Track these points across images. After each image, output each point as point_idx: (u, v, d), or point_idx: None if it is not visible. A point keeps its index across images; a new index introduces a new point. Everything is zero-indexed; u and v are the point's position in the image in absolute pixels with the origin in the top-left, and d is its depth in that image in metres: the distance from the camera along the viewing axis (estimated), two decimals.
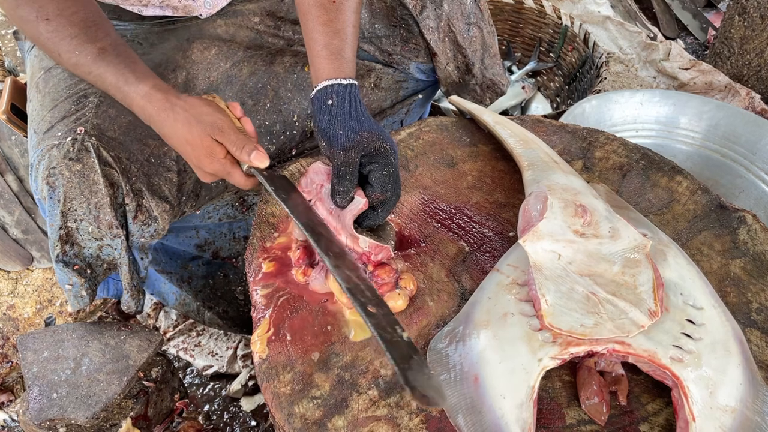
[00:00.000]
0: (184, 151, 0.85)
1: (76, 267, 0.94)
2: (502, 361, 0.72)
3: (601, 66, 1.62)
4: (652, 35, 2.11)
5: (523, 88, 1.87)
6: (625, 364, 0.75)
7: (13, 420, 1.29)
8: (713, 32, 2.27)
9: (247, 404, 1.37)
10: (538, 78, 1.97)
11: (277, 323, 0.81)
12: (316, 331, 0.80)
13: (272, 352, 0.79)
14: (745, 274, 0.84)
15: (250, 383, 1.38)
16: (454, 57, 1.20)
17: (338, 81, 0.81)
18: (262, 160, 0.83)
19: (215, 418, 1.34)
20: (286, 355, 0.78)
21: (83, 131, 0.91)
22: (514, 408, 0.70)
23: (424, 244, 0.88)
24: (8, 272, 1.52)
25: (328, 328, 0.80)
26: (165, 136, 0.86)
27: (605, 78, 1.55)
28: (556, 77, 1.92)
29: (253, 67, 1.09)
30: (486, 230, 0.90)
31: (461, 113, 1.12)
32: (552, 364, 0.71)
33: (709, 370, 0.70)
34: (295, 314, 0.82)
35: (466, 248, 0.88)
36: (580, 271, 0.77)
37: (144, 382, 1.02)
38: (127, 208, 0.95)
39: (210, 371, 1.41)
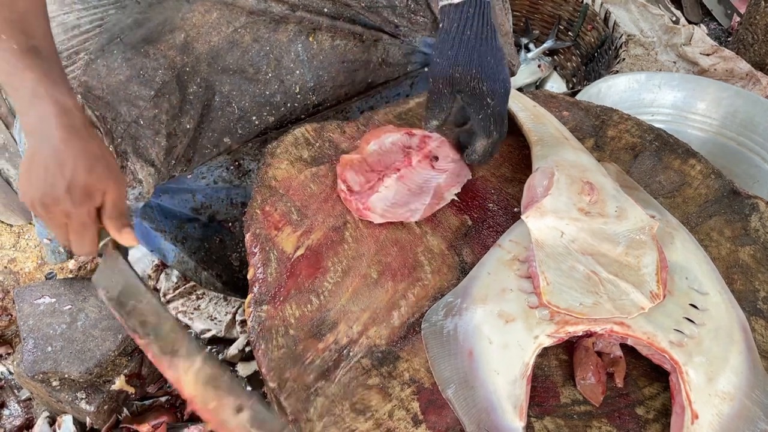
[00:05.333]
0: (59, 173, 0.72)
1: None
2: (497, 337, 0.71)
3: (620, 47, 1.58)
4: (674, 19, 2.06)
5: (539, 66, 1.84)
6: (624, 347, 0.73)
7: (10, 373, 1.30)
8: (738, 18, 2.21)
9: (244, 369, 1.37)
10: (555, 57, 1.93)
11: (274, 287, 0.80)
12: (311, 297, 0.79)
13: (267, 316, 0.78)
14: (754, 261, 0.82)
15: (248, 349, 1.38)
16: None
17: (449, 1, 0.77)
18: (132, 240, 0.76)
19: None
20: (281, 318, 0.78)
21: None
22: (507, 384, 0.69)
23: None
24: (11, 226, 1.52)
25: (324, 294, 0.79)
26: (55, 150, 0.73)
27: (623, 59, 1.52)
28: (573, 57, 1.87)
29: (256, 34, 1.06)
30: (490, 204, 0.88)
31: None
32: (548, 341, 0.69)
33: (709, 357, 0.68)
34: (291, 279, 0.81)
35: (469, 222, 0.86)
36: (582, 250, 0.75)
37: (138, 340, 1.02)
38: None
39: (208, 335, 1.41)
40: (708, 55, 1.84)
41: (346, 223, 0.86)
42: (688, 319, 0.71)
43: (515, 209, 0.87)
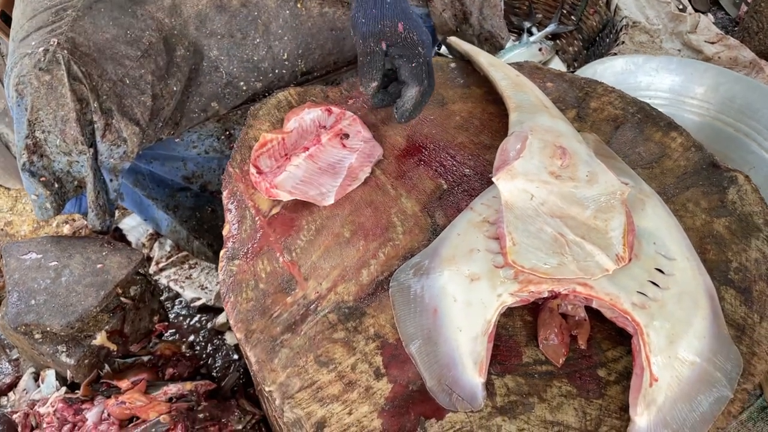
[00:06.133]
0: None
1: (43, 179, 0.96)
2: (461, 295, 0.71)
3: (621, 30, 1.57)
4: (681, 7, 2.04)
5: (540, 50, 1.83)
6: (590, 310, 0.73)
7: (2, 334, 1.32)
8: (746, 8, 2.18)
9: (231, 338, 1.38)
10: (558, 41, 1.92)
11: (245, 241, 0.81)
12: (283, 253, 0.80)
13: (238, 270, 0.79)
14: (728, 233, 0.81)
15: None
16: (451, 3, 1.16)
17: None
18: None
19: (198, 348, 1.36)
20: (251, 273, 0.79)
21: (56, 43, 0.91)
22: (469, 341, 0.69)
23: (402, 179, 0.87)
24: (8, 189, 1.55)
25: (296, 251, 0.80)
26: None
27: (623, 42, 1.51)
28: (575, 41, 1.86)
29: None
30: (467, 170, 0.88)
31: (460, 57, 1.09)
32: (511, 300, 0.70)
33: (672, 320, 0.68)
34: (264, 236, 0.82)
35: (444, 186, 0.87)
36: (551, 212, 0.75)
37: (122, 299, 1.04)
38: (95, 125, 0.95)
39: (198, 303, 1.43)
40: (713, 43, 1.82)
41: None
42: (653, 283, 0.70)
43: (491, 175, 0.87)
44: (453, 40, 1.06)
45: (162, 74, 1.02)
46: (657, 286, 0.70)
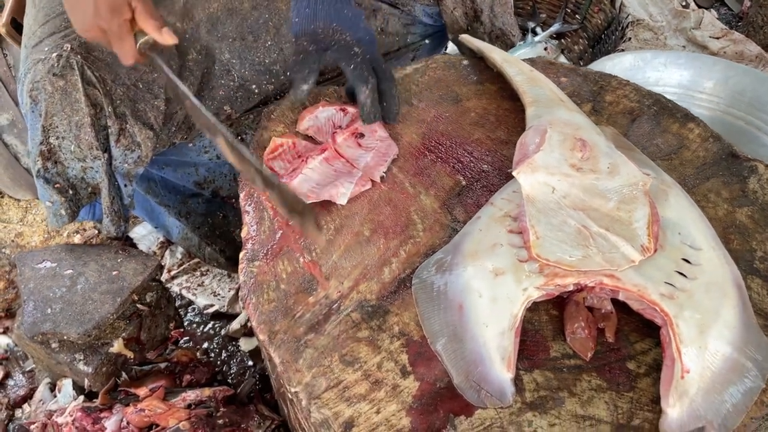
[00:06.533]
0: (84, 1, 0.79)
1: (58, 185, 0.95)
2: (487, 290, 0.71)
3: (627, 26, 1.57)
4: (684, 3, 2.04)
5: (545, 49, 1.83)
6: (616, 303, 0.72)
7: (15, 345, 1.31)
8: (748, 3, 2.18)
9: (246, 344, 1.38)
10: (563, 40, 1.92)
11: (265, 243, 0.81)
12: (303, 253, 0.79)
13: (259, 271, 0.78)
14: (751, 222, 0.81)
15: (250, 324, 1.39)
16: (462, 2, 1.16)
17: None
18: (171, 37, 0.81)
19: (213, 355, 1.35)
20: (272, 274, 0.78)
21: (69, 48, 0.91)
22: (496, 336, 0.68)
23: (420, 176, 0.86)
24: (18, 201, 1.55)
25: (316, 251, 0.79)
26: None
27: (630, 38, 1.51)
28: (580, 39, 1.86)
29: (255, 1, 1.07)
30: (485, 166, 0.88)
31: (472, 54, 1.09)
32: (537, 294, 0.69)
33: (701, 310, 0.67)
34: (283, 237, 0.81)
35: (463, 182, 0.86)
36: (573, 205, 0.74)
37: (138, 305, 1.03)
38: (109, 130, 0.95)
39: (211, 310, 1.42)
40: (717, 38, 1.82)
41: None
42: (680, 273, 0.70)
43: (509, 170, 0.87)
44: (465, 37, 1.06)
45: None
46: (684, 276, 0.69)
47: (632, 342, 0.72)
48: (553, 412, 0.66)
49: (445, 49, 1.55)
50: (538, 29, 1.92)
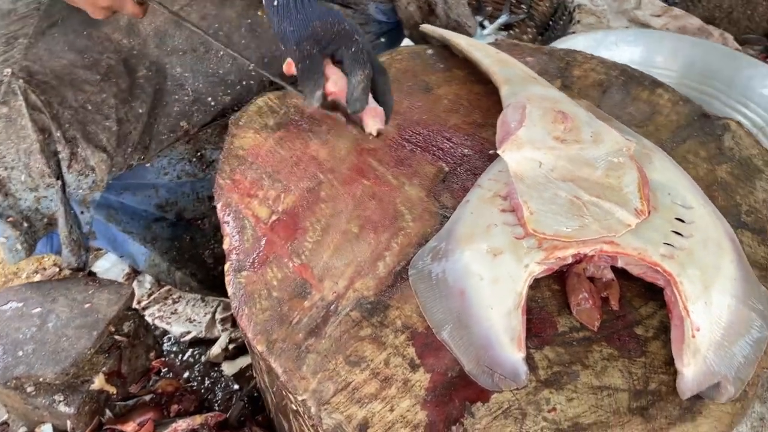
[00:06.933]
0: None
1: (11, 219, 0.90)
2: (487, 272, 0.69)
3: (574, 10, 1.59)
4: None
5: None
6: (615, 270, 0.72)
7: None
8: None
9: (229, 368, 1.32)
10: (511, 32, 1.94)
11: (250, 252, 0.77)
12: (292, 258, 0.76)
13: (248, 281, 0.75)
14: (732, 178, 0.82)
15: (231, 347, 1.34)
16: None
17: None
18: None
19: (195, 384, 1.30)
20: (262, 282, 0.74)
21: (10, 73, 0.86)
22: (502, 317, 0.66)
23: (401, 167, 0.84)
24: None
25: (306, 254, 0.76)
26: None
27: (578, 21, 1.53)
28: (528, 29, 1.89)
29: (203, 11, 1.04)
30: (465, 150, 0.86)
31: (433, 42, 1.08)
32: (538, 269, 0.68)
33: (702, 266, 0.67)
34: (268, 243, 0.78)
35: (446, 168, 0.84)
36: (562, 177, 0.74)
37: (116, 337, 0.98)
38: (60, 156, 0.90)
39: (188, 337, 1.36)
40: (659, 16, 1.87)
41: (321, 183, 0.83)
42: (676, 233, 0.69)
43: (490, 151, 0.86)
44: (426, 27, 1.05)
45: (125, 97, 0.97)
46: (680, 235, 0.69)
47: (637, 307, 0.71)
48: (570, 387, 0.65)
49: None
50: (486, 22, 1.94)
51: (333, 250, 0.77)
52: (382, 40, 1.25)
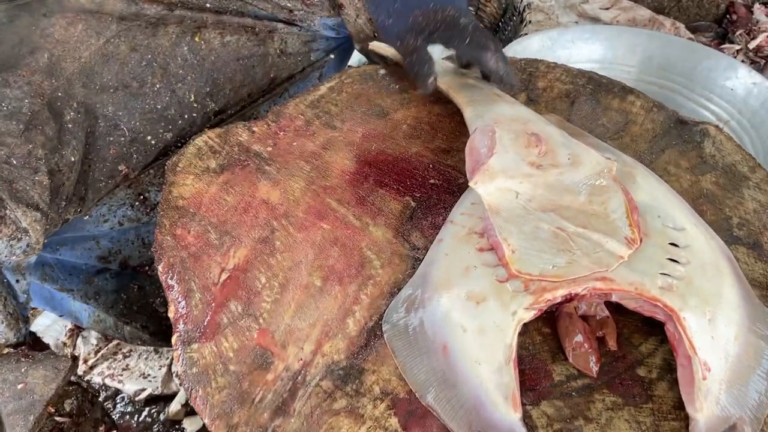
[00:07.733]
0: None
1: None
2: (470, 322, 0.61)
3: (524, 10, 1.54)
4: None
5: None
6: (608, 305, 0.65)
7: None
8: None
9: (191, 425, 1.22)
10: None
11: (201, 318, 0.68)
12: (249, 322, 0.67)
13: (200, 355, 0.65)
14: (718, 188, 0.76)
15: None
16: (365, 8, 1.07)
17: None
18: None
19: None
20: (216, 355, 0.65)
21: None
22: (493, 373, 0.59)
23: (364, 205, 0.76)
24: None
25: (264, 316, 0.67)
26: None
27: (530, 21, 1.47)
28: None
29: (133, 42, 0.93)
30: (431, 180, 0.79)
31: (384, 60, 1.00)
32: (528, 315, 0.60)
33: (703, 296, 0.61)
34: (219, 307, 0.68)
35: (412, 203, 0.76)
36: (542, 207, 0.66)
37: (56, 418, 0.86)
38: None
39: (143, 395, 1.25)
40: (607, 9, 1.83)
41: (274, 231, 0.74)
42: (672, 260, 0.63)
43: (460, 180, 0.78)
44: (376, 44, 0.97)
45: (54, 145, 0.86)
46: (677, 262, 0.63)
47: (636, 345, 0.65)
48: None
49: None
50: None
51: (295, 309, 0.68)
52: (332, 56, 1.16)
